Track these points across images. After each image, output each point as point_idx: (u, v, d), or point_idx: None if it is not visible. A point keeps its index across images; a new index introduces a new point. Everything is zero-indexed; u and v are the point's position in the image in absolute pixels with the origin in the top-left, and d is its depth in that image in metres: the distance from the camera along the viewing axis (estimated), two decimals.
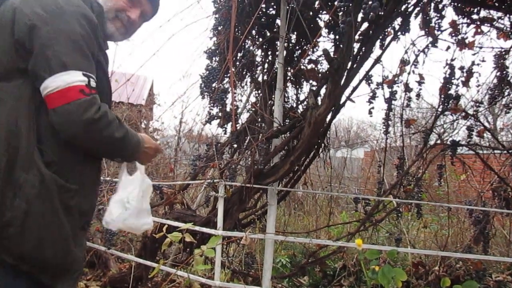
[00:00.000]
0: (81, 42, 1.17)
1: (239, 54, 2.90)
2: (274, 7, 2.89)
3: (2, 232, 1.12)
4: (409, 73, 2.87)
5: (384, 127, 2.93)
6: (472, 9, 2.83)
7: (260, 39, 2.98)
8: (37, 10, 1.14)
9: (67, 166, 1.20)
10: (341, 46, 2.20)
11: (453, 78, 2.82)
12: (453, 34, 2.85)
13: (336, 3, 2.11)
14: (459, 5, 2.81)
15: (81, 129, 1.14)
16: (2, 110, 1.14)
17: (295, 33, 2.87)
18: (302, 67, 2.83)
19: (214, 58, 2.85)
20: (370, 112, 2.86)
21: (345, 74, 2.39)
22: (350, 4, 1.97)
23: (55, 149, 1.18)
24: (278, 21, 2.86)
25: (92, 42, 1.22)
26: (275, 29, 2.88)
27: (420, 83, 2.89)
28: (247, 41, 2.93)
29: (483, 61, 2.87)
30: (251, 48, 2.97)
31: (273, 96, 2.79)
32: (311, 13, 2.75)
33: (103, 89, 1.28)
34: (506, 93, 3.02)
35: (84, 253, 1.34)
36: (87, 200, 1.29)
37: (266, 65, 2.98)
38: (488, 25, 2.87)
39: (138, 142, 1.35)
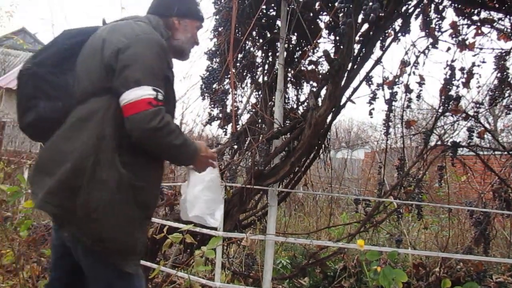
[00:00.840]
0: (153, 62, 1.41)
1: (239, 55, 2.90)
2: (275, 8, 2.89)
3: (86, 218, 1.36)
4: (409, 74, 2.87)
5: (385, 128, 2.93)
6: (472, 10, 2.83)
7: (261, 40, 2.98)
8: (121, 38, 1.42)
9: (137, 166, 1.43)
10: (341, 47, 2.20)
11: (453, 79, 2.82)
12: (453, 35, 2.85)
13: (336, 4, 2.11)
14: (460, 6, 2.81)
15: (146, 135, 1.36)
16: (95, 120, 1.39)
17: (296, 34, 2.87)
18: (302, 68, 2.83)
19: (214, 59, 2.86)
20: (370, 113, 2.86)
21: (346, 75, 2.39)
22: (351, 5, 1.97)
23: (130, 152, 1.41)
24: (278, 22, 2.86)
25: (162, 62, 1.45)
26: (276, 30, 2.88)
27: (420, 84, 2.90)
28: (247, 42, 2.93)
29: (483, 62, 2.88)
30: (251, 49, 2.98)
31: (274, 97, 2.79)
32: (311, 14, 2.75)
33: (170, 101, 1.50)
34: (506, 94, 3.02)
35: (146, 238, 1.56)
36: (152, 195, 1.53)
37: (266, 66, 2.98)
38: (489, 26, 2.87)
39: (196, 149, 1.54)
